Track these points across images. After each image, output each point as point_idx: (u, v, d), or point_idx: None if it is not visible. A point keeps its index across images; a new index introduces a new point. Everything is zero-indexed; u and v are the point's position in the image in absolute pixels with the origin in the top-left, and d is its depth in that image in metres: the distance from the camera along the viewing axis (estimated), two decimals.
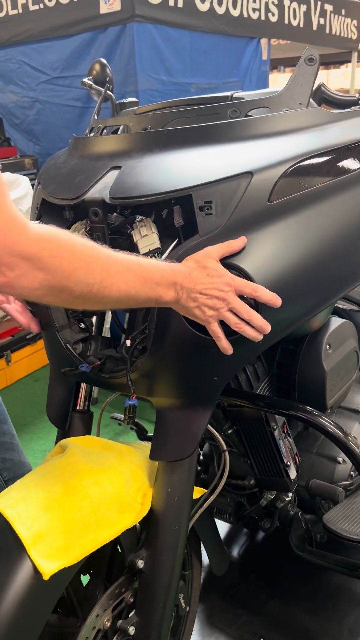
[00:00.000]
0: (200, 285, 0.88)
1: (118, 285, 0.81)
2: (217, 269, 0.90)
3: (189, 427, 1.00)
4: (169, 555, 1.04)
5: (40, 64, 3.13)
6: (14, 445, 1.24)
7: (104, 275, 0.79)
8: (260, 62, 3.81)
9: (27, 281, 0.72)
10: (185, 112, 1.06)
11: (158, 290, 0.85)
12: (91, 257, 0.78)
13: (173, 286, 0.87)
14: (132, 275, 0.82)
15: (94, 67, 1.47)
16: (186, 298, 0.88)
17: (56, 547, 0.90)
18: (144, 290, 0.84)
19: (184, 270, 0.88)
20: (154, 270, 0.85)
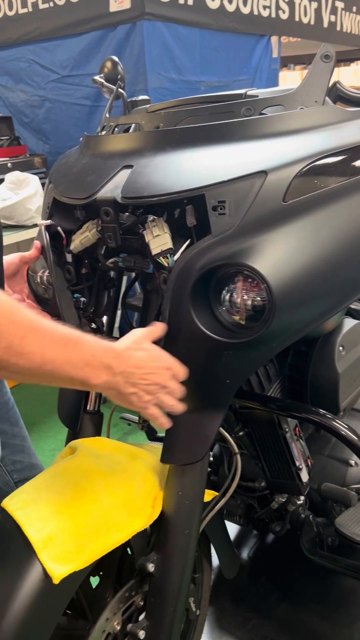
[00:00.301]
0: (142, 370, 0.83)
1: (30, 357, 0.70)
2: (156, 350, 0.87)
3: (200, 431, 0.99)
4: (180, 559, 1.02)
5: (50, 62, 3.12)
6: (24, 448, 1.24)
7: (15, 343, 0.69)
8: (271, 59, 3.78)
9: None
10: (198, 110, 1.05)
11: (86, 370, 0.76)
12: (3, 317, 0.68)
13: (106, 370, 0.79)
14: (55, 347, 0.72)
15: (105, 64, 1.46)
16: (123, 383, 0.81)
17: (66, 551, 0.89)
18: (66, 368, 0.74)
19: (121, 350, 0.82)
20: (85, 346, 0.76)
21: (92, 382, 0.77)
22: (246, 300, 0.91)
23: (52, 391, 3.59)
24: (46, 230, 1.13)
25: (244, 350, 0.93)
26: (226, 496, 1.14)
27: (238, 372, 0.97)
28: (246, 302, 0.91)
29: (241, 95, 1.11)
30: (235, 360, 0.94)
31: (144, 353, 0.85)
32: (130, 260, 1.04)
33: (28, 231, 2.62)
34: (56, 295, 1.11)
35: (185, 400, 1.00)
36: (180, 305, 0.93)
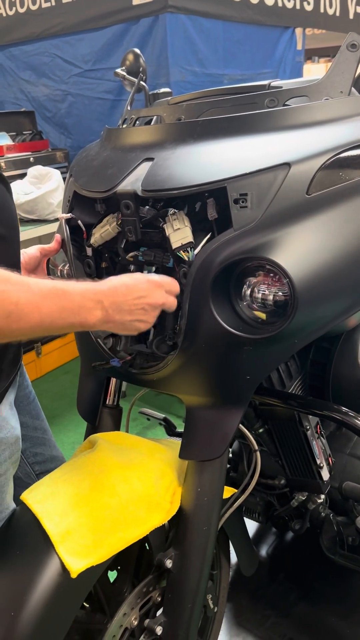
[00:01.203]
0: (131, 295, 0.85)
1: (30, 318, 0.74)
2: (141, 275, 0.89)
3: (220, 427, 0.98)
4: (198, 556, 1.02)
5: (72, 56, 3.12)
6: (45, 440, 1.24)
7: (12, 309, 0.72)
8: (295, 52, 3.73)
9: None
10: (220, 102, 1.03)
11: (81, 313, 0.80)
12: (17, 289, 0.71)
13: (99, 305, 0.81)
14: (48, 302, 0.75)
15: (127, 57, 1.45)
16: (118, 313, 0.84)
17: (84, 545, 0.88)
18: (63, 317, 0.77)
19: (105, 288, 0.84)
20: (74, 293, 0.79)
21: (89, 321, 0.81)
22: (268, 295, 0.90)
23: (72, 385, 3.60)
24: (66, 223, 1.13)
25: (265, 346, 0.92)
26: (245, 493, 1.13)
27: (258, 369, 0.95)
28: (268, 297, 0.90)
29: (264, 87, 1.09)
30: (256, 356, 0.93)
31: (129, 279, 0.87)
32: (150, 254, 1.03)
33: (50, 225, 2.63)
34: None
35: (205, 396, 0.99)
36: (200, 300, 0.91)
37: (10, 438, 0.95)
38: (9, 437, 0.95)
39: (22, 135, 3.17)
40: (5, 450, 0.94)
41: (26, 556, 0.88)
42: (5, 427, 0.94)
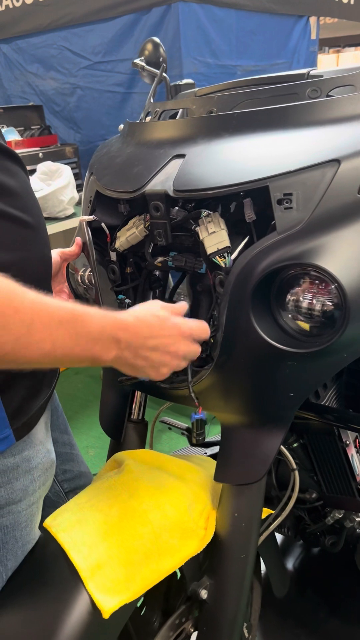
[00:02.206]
0: (151, 340, 0.74)
1: (40, 345, 0.63)
2: (170, 318, 0.77)
3: (259, 448, 0.90)
4: (235, 586, 0.94)
5: (81, 48, 3.03)
6: (74, 456, 1.17)
7: (22, 331, 0.61)
8: (309, 41, 3.62)
9: None
10: (256, 93, 0.95)
11: (95, 349, 0.69)
12: (8, 310, 0.60)
13: (115, 344, 0.71)
14: (63, 330, 0.65)
15: (145, 46, 1.37)
16: (132, 357, 0.74)
17: (116, 580, 0.81)
18: (76, 350, 0.67)
19: (130, 322, 0.73)
20: (92, 322, 0.68)
21: (102, 359, 0.71)
22: (315, 305, 0.81)
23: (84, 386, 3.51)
24: (88, 226, 1.05)
25: (311, 361, 0.83)
26: (282, 515, 1.05)
27: (303, 385, 0.87)
28: (315, 308, 0.81)
29: (303, 76, 1.00)
30: (301, 371, 0.85)
31: (156, 321, 0.76)
32: (180, 260, 0.95)
33: (60, 224, 2.55)
34: (99, 296, 1.02)
35: (243, 414, 0.91)
36: (239, 310, 0.83)
37: (45, 463, 0.87)
38: (44, 462, 0.87)
39: (31, 130, 3.09)
40: (40, 476, 0.86)
41: (53, 592, 0.81)
42: (41, 450, 0.86)
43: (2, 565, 0.85)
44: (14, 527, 0.84)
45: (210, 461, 1.09)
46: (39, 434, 0.86)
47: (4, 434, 0.79)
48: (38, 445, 0.85)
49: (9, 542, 0.84)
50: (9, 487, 0.80)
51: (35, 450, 0.84)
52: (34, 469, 0.84)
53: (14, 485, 0.81)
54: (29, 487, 0.83)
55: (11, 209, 0.76)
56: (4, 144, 0.78)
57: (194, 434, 0.90)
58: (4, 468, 0.79)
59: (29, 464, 0.83)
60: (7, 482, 0.80)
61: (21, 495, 0.82)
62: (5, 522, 0.83)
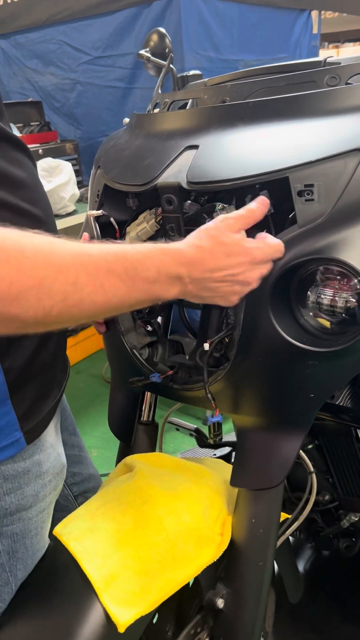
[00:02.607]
0: (218, 272, 0.68)
1: (92, 298, 0.58)
2: (239, 243, 0.70)
3: (278, 452, 0.86)
4: (253, 595, 0.90)
5: (81, 43, 2.98)
6: (82, 458, 1.13)
7: (70, 290, 0.56)
8: (311, 36, 3.58)
9: None
10: (272, 81, 0.91)
11: (154, 289, 0.64)
12: (50, 269, 0.55)
13: (177, 280, 0.66)
14: (114, 279, 0.60)
15: (151, 37, 1.33)
16: (198, 289, 0.69)
17: (131, 592, 0.77)
18: (133, 295, 0.62)
19: (191, 255, 0.67)
20: (147, 264, 0.63)
21: (165, 296, 0.67)
22: (337, 302, 0.78)
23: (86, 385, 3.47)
24: (96, 221, 1.01)
25: (333, 360, 0.80)
26: (300, 519, 1.01)
27: (324, 386, 0.84)
28: (337, 304, 0.78)
29: (320, 63, 0.96)
30: (322, 371, 0.81)
31: (222, 249, 0.69)
32: None
33: (62, 221, 2.51)
34: None
35: (261, 417, 0.88)
36: (258, 308, 0.80)
37: (56, 467, 0.83)
38: (55, 466, 0.83)
39: (30, 127, 3.04)
40: (51, 481, 0.82)
41: (65, 604, 0.77)
42: (51, 454, 0.82)
43: (12, 575, 0.81)
44: (24, 534, 0.80)
45: (223, 464, 1.06)
46: (49, 437, 0.82)
47: (14, 437, 0.75)
48: (49, 449, 0.82)
49: (18, 550, 0.81)
50: (20, 493, 0.77)
51: (46, 454, 0.81)
52: (44, 474, 0.80)
53: (24, 490, 0.77)
54: (39, 492, 0.80)
55: (20, 201, 0.72)
56: (11, 132, 0.74)
57: (211, 435, 0.87)
58: (14, 473, 0.76)
59: (39, 468, 0.79)
60: (17, 487, 0.76)
61: (32, 501, 0.79)
62: (15, 530, 0.79)
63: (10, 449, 0.75)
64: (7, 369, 0.73)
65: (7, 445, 0.74)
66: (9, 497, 0.76)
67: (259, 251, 0.73)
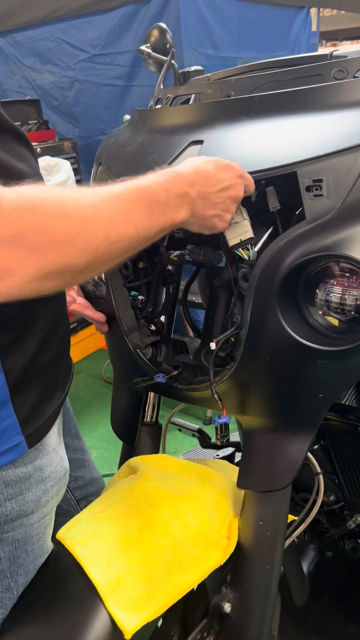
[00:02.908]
0: (215, 186, 0.73)
1: (127, 232, 0.62)
2: (222, 160, 0.75)
3: (285, 453, 0.84)
4: (261, 599, 0.89)
5: (79, 41, 2.97)
6: (85, 462, 1.11)
7: (108, 228, 0.60)
8: (310, 33, 3.57)
9: (17, 278, 0.52)
10: (277, 75, 0.89)
11: (167, 212, 0.67)
12: (88, 210, 0.58)
13: (185, 198, 0.70)
14: (137, 210, 0.64)
15: (151, 33, 1.31)
16: (202, 206, 0.73)
17: (137, 597, 0.76)
18: (153, 223, 0.66)
19: (190, 174, 0.71)
20: (157, 188, 0.67)
21: (177, 219, 0.70)
22: (347, 300, 0.76)
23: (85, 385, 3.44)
24: None
25: (343, 360, 0.78)
26: (306, 521, 1.00)
27: (333, 385, 0.82)
28: (346, 302, 0.76)
29: (326, 56, 0.94)
30: (331, 371, 0.79)
31: (212, 166, 0.74)
32: (198, 253, 0.89)
33: None
34: (111, 294, 0.97)
35: (268, 417, 0.86)
36: (266, 306, 0.78)
37: (59, 472, 0.81)
38: (58, 471, 0.81)
39: (28, 125, 3.02)
40: (54, 486, 0.80)
41: (70, 610, 0.76)
42: (54, 459, 0.80)
43: (13, 581, 0.79)
44: (25, 540, 0.78)
45: (228, 465, 1.04)
46: (51, 441, 0.80)
47: (15, 441, 0.73)
48: (51, 453, 0.80)
49: (20, 556, 0.79)
50: (21, 499, 0.75)
51: (48, 459, 0.79)
52: (46, 479, 0.78)
53: (25, 496, 0.75)
54: (41, 498, 0.78)
55: None
56: (13, 124, 0.72)
57: (218, 436, 0.85)
58: (15, 478, 0.74)
59: (41, 473, 0.77)
60: (18, 493, 0.74)
61: (33, 507, 0.77)
62: (16, 536, 0.77)
63: (10, 453, 0.73)
64: (8, 370, 0.71)
65: (7, 450, 0.72)
66: (9, 503, 0.74)
67: (238, 166, 0.77)
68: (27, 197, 0.54)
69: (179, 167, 0.73)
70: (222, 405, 0.82)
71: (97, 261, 0.60)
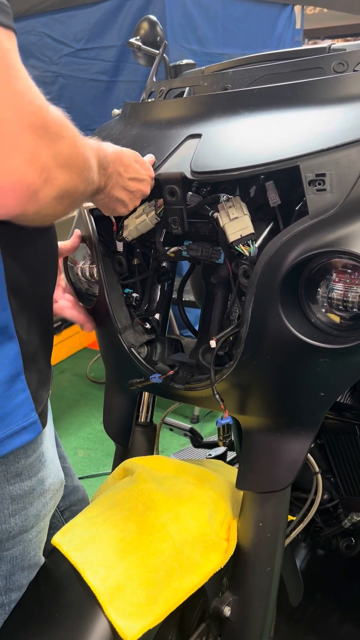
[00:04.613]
0: (129, 172, 0.77)
1: (94, 172, 0.67)
2: (139, 155, 0.81)
3: (286, 453, 0.83)
4: (261, 602, 0.87)
5: (62, 35, 2.92)
6: (66, 469, 1.07)
7: (91, 164, 0.65)
8: (294, 31, 3.57)
9: (51, 187, 0.56)
10: (276, 67, 0.88)
11: (98, 172, 0.70)
12: (82, 145, 0.62)
13: (105, 168, 0.72)
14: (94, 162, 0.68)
15: (141, 25, 1.28)
16: (113, 186, 0.75)
17: (137, 604, 0.73)
18: (94, 177, 0.68)
19: (110, 150, 0.74)
20: (105, 149, 0.72)
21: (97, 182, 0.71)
22: (349, 297, 0.75)
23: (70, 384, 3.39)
24: (90, 214, 0.96)
25: (345, 358, 0.77)
26: (304, 522, 0.99)
27: (335, 384, 0.81)
28: (349, 299, 0.75)
29: (324, 49, 0.93)
30: (333, 369, 0.78)
31: (130, 154, 0.79)
32: (196, 249, 0.87)
33: None
34: (105, 291, 0.94)
35: (268, 417, 0.84)
36: (267, 304, 0.76)
37: (56, 484, 0.78)
38: (55, 483, 0.78)
39: None
40: (52, 498, 0.77)
41: (68, 618, 0.73)
42: (52, 470, 0.77)
43: (7, 598, 0.76)
44: (22, 557, 0.75)
45: (225, 466, 1.02)
46: (49, 451, 0.77)
47: (31, 418, 0.69)
48: (50, 464, 0.77)
49: (15, 573, 0.76)
50: (24, 514, 0.72)
51: (48, 471, 0.76)
52: (47, 492, 0.76)
53: (28, 511, 0.72)
54: (41, 511, 0.75)
55: None
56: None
57: (220, 437, 0.83)
58: (21, 493, 0.70)
59: (43, 486, 0.74)
60: (22, 508, 0.71)
61: (34, 522, 0.74)
62: (14, 553, 0.74)
63: (28, 432, 0.68)
64: (21, 339, 0.68)
65: (25, 428, 0.68)
66: (13, 519, 0.71)
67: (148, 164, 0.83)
68: (63, 115, 0.60)
69: (103, 144, 0.75)
70: (224, 406, 0.80)
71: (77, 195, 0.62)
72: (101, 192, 0.74)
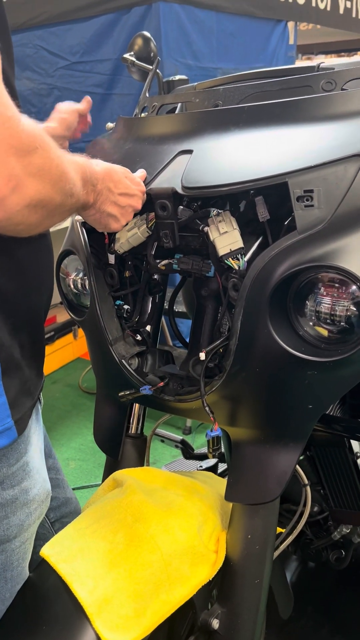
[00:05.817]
0: (119, 188, 0.79)
1: (77, 186, 0.69)
2: (130, 171, 0.83)
3: (274, 465, 0.83)
4: (250, 615, 0.87)
5: (58, 48, 2.95)
6: (59, 481, 1.07)
7: (68, 177, 0.66)
8: (287, 46, 3.62)
9: (20, 196, 0.58)
10: (266, 85, 0.89)
11: (85, 189, 0.72)
12: (62, 163, 0.64)
13: (94, 187, 0.75)
14: (77, 176, 0.70)
15: (135, 41, 1.30)
16: (103, 201, 0.77)
17: (125, 616, 0.73)
18: (79, 192, 0.71)
19: (100, 168, 0.77)
20: (93, 167, 0.74)
21: (84, 199, 0.74)
22: (337, 310, 0.76)
23: (62, 395, 3.38)
24: (82, 226, 0.97)
25: (333, 370, 0.78)
26: (293, 534, 0.99)
27: (323, 397, 0.81)
28: (337, 313, 0.76)
29: (313, 68, 0.95)
30: (321, 382, 0.79)
31: (120, 170, 0.81)
32: (187, 262, 0.88)
33: None
34: (96, 303, 0.95)
35: (257, 429, 0.85)
36: (256, 317, 0.77)
37: (42, 494, 0.79)
38: (41, 494, 0.78)
39: None
40: (37, 509, 0.77)
41: (55, 631, 0.73)
42: (38, 480, 0.77)
43: None
44: (5, 567, 0.75)
45: (214, 477, 1.03)
46: (35, 461, 0.78)
47: (6, 424, 0.70)
48: (35, 475, 0.77)
49: None
50: (5, 523, 0.72)
51: (33, 481, 0.76)
52: (31, 502, 0.76)
53: (10, 520, 0.72)
54: (25, 521, 0.75)
55: None
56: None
57: (210, 449, 0.83)
58: (2, 501, 0.71)
59: (26, 496, 0.75)
60: (3, 517, 0.71)
61: (16, 532, 0.74)
62: None
63: (2, 437, 0.69)
64: (4, 347, 0.68)
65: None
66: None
67: (139, 180, 0.85)
68: (37, 128, 0.61)
69: (92, 161, 0.78)
70: (213, 418, 0.80)
71: (54, 207, 0.64)
72: (91, 207, 0.75)
